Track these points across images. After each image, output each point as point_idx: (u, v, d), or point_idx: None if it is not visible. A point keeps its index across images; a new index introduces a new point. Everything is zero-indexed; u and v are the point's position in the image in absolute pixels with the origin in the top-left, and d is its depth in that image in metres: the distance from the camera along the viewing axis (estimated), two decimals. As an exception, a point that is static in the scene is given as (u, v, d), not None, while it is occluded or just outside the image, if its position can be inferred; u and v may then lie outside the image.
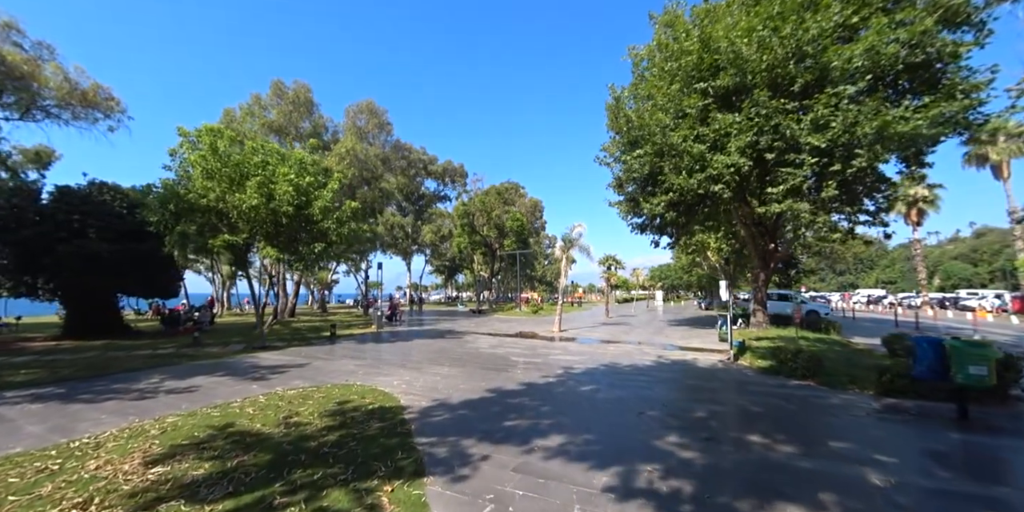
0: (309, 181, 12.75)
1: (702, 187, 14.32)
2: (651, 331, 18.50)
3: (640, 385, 7.60)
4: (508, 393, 6.90)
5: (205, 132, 11.55)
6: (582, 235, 19.70)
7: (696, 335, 16.52)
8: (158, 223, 11.78)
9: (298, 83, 26.48)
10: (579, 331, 18.89)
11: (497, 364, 9.83)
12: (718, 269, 42.47)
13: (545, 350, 12.32)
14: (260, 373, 8.62)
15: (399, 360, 10.52)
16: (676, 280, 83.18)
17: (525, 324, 23.04)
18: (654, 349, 12.35)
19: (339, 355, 11.41)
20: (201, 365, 9.76)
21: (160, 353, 12.04)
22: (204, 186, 11.86)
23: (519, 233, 40.13)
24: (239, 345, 13.96)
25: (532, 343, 14.16)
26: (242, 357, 11.03)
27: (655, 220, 17.88)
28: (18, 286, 15.37)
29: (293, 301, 27.97)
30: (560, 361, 10.21)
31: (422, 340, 15.08)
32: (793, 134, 12.26)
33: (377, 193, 26.61)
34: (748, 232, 17.60)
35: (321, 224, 12.87)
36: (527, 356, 11.12)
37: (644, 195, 17.13)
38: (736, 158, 12.96)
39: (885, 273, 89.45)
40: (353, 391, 6.90)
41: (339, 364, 9.89)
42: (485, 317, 29.83)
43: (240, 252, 12.57)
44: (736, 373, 8.78)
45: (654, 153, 15.66)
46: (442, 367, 9.46)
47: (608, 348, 12.75)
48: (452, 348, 12.78)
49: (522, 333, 17.87)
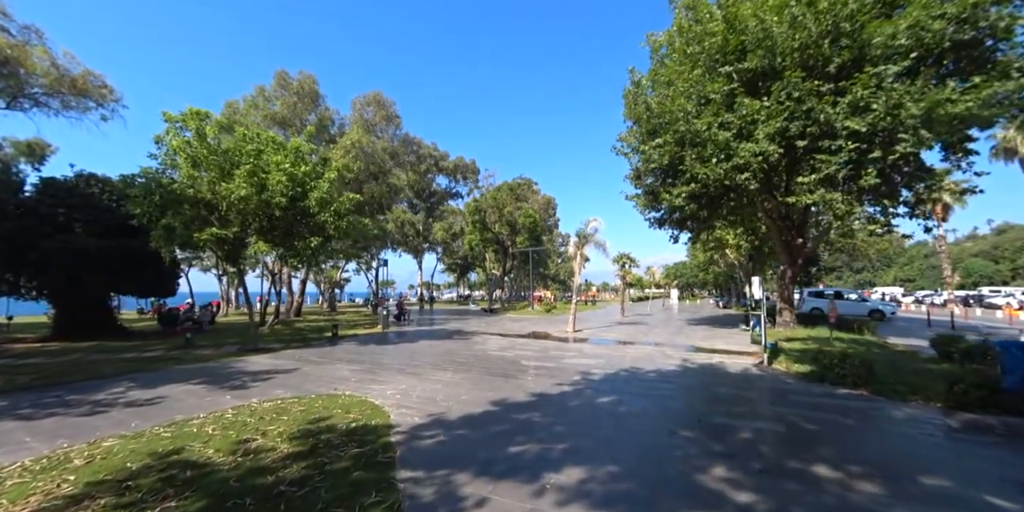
0: (305, 171, 11.95)
1: (727, 177, 13.24)
2: (671, 331, 17.36)
3: (667, 395, 6.58)
4: (516, 406, 5.94)
5: (190, 116, 10.79)
6: (598, 230, 18.65)
7: (719, 335, 15.35)
8: (141, 216, 11.08)
9: (303, 74, 25.82)
10: (594, 331, 17.84)
11: (506, 369, 8.89)
12: (737, 266, 40.90)
13: (558, 352, 11.34)
14: (241, 380, 7.81)
15: (399, 364, 9.64)
16: (691, 278, 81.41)
17: (538, 324, 22.06)
18: (677, 351, 11.27)
19: (335, 358, 10.59)
20: (182, 370, 9.02)
21: (146, 356, 11.38)
22: (190, 175, 11.13)
23: (532, 230, 39.09)
24: (233, 347, 13.27)
25: (545, 345, 13.18)
26: (230, 361, 10.28)
27: (674, 214, 16.70)
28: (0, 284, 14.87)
29: (299, 300, 27.43)
30: (575, 365, 9.22)
31: (428, 341, 14.21)
32: (828, 118, 11.10)
33: (385, 188, 25.82)
34: (773, 226, 16.33)
35: (318, 217, 12.06)
36: (539, 359, 10.15)
37: (663, 187, 16.04)
38: (765, 145, 11.86)
39: (903, 271, 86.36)
40: (338, 404, 6.02)
41: (332, 369, 9.05)
42: (497, 316, 28.94)
43: (232, 247, 11.83)
44: (773, 379, 7.69)
45: (675, 142, 14.62)
46: (445, 373, 8.54)
47: (627, 350, 11.71)
48: (458, 350, 11.88)
49: (534, 333, 16.90)
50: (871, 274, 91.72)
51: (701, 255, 49.17)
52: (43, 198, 15.42)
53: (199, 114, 10.94)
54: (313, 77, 26.45)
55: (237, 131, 11.85)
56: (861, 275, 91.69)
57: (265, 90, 26.00)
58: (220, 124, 11.65)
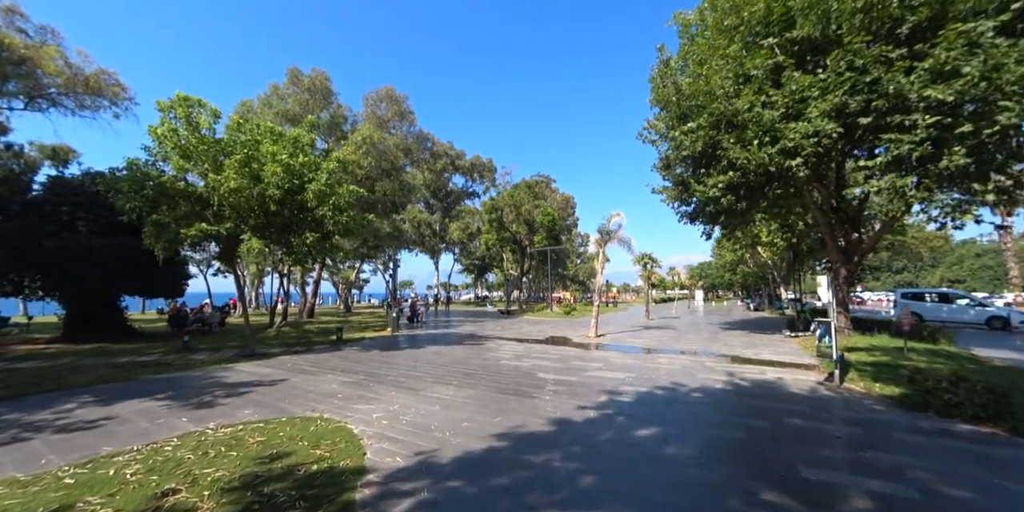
0: (303, 162, 10.97)
1: (772, 163, 11.67)
2: (705, 337, 15.72)
3: (724, 427, 5.16)
4: (529, 441, 4.65)
5: (178, 102, 9.93)
6: (621, 226, 17.16)
7: (760, 343, 13.65)
8: (131, 211, 10.28)
9: (316, 71, 25.21)
10: (619, 336, 16.35)
11: (519, 384, 7.60)
12: (770, 266, 38.45)
13: (581, 362, 9.97)
14: (213, 395, 6.77)
15: (397, 376, 8.47)
16: (716, 279, 78.34)
17: (557, 327, 20.67)
18: (718, 362, 9.75)
19: (330, 367, 9.51)
20: (156, 381, 8.07)
21: (137, 361, 10.58)
22: (181, 167, 10.29)
23: (550, 229, 37.68)
24: (232, 351, 12.43)
25: (565, 352, 11.83)
26: (216, 369, 9.32)
27: (708, 207, 15.06)
28: (3, 284, 14.47)
29: (312, 301, 26.81)
30: (601, 380, 7.86)
31: (436, 347, 13.05)
32: (900, 89, 9.43)
33: (397, 185, 24.92)
34: (823, 220, 14.51)
35: (316, 211, 11.06)
36: (558, 371, 8.82)
37: (696, 177, 14.52)
38: (821, 124, 10.28)
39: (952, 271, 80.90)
40: (308, 432, 4.85)
41: (321, 381, 7.94)
42: (514, 319, 27.67)
43: (226, 244, 10.95)
44: (856, 405, 6.14)
45: (710, 126, 13.13)
46: (447, 387, 7.31)
47: (659, 360, 10.24)
48: (468, 358, 10.66)
49: (553, 338, 15.55)
50: (912, 275, 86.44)
51: (729, 255, 46.73)
52: (49, 196, 15.01)
53: (188, 100, 10.07)
54: (326, 74, 25.83)
55: (231, 119, 10.97)
56: (901, 276, 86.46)
57: (279, 88, 25.53)
58: (214, 113, 10.78)
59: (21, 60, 17.61)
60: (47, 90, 19.25)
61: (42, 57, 18.08)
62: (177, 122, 10.20)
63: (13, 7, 18.14)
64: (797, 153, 10.96)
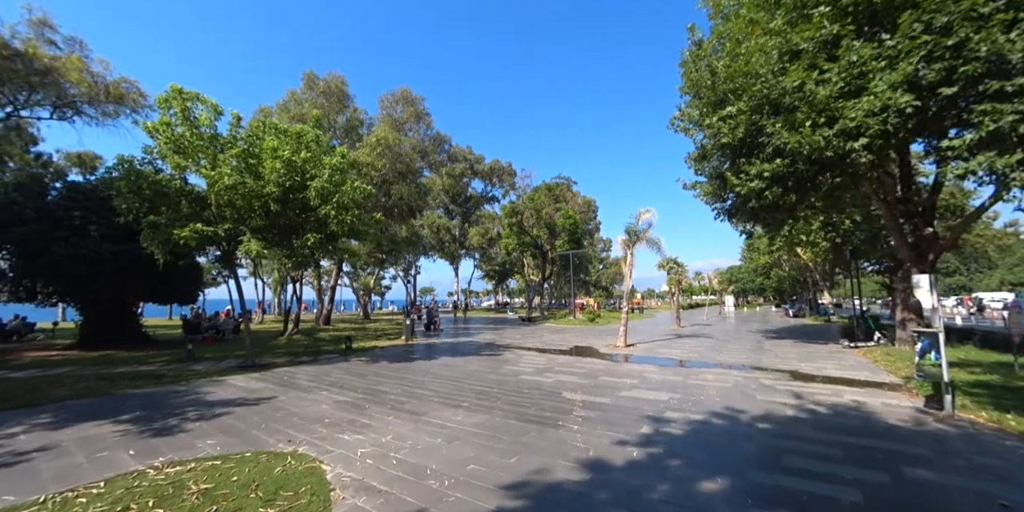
0: (305, 157, 10.15)
1: (830, 147, 10.21)
2: (748, 347, 14.06)
3: (824, 481, 3.78)
4: (554, 498, 3.43)
5: (174, 95, 9.27)
6: (651, 225, 15.74)
7: (816, 354, 11.95)
8: (127, 211, 9.67)
9: (332, 74, 24.93)
10: (650, 346, 14.87)
11: (542, 407, 6.37)
12: (812, 269, 35.84)
13: (612, 379, 8.65)
14: (182, 418, 5.82)
15: (400, 394, 7.37)
16: (748, 284, 74.75)
17: (581, 335, 19.28)
18: (776, 380, 8.25)
19: (328, 382, 8.50)
20: (133, 396, 7.23)
21: (131, 372, 9.89)
22: (177, 165, 9.61)
23: (572, 232, 36.28)
24: (236, 360, 11.67)
25: (592, 365, 10.51)
26: (206, 382, 8.46)
27: (749, 202, 13.51)
28: (17, 290, 14.24)
29: (329, 307, 26.25)
30: (639, 403, 6.55)
31: (450, 358, 11.93)
32: (998, 49, 7.86)
33: (413, 188, 24.19)
34: (888, 213, 12.74)
35: (320, 211, 10.20)
36: (587, 390, 7.55)
37: (736, 168, 13.07)
38: (891, 95, 8.80)
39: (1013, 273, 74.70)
40: (270, 477, 3.78)
41: (312, 400, 6.91)
42: (535, 326, 26.37)
43: (224, 247, 10.22)
44: (994, 447, 4.61)
45: (751, 109, 11.77)
46: (456, 411, 6.16)
47: (704, 377, 8.80)
48: (483, 373, 9.49)
49: (578, 349, 14.22)
50: (965, 277, 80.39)
51: (763, 257, 44.11)
52: (61, 201, 14.83)
53: (183, 94, 9.41)
54: (342, 77, 25.52)
55: (232, 114, 10.28)
56: (953, 279, 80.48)
57: (296, 93, 25.37)
58: (214, 108, 10.11)
59: (46, 71, 17.82)
60: (71, 99, 19.46)
61: (66, 67, 18.26)
62: (173, 116, 9.55)
63: (44, 20, 18.46)
64: (860, 134, 9.49)
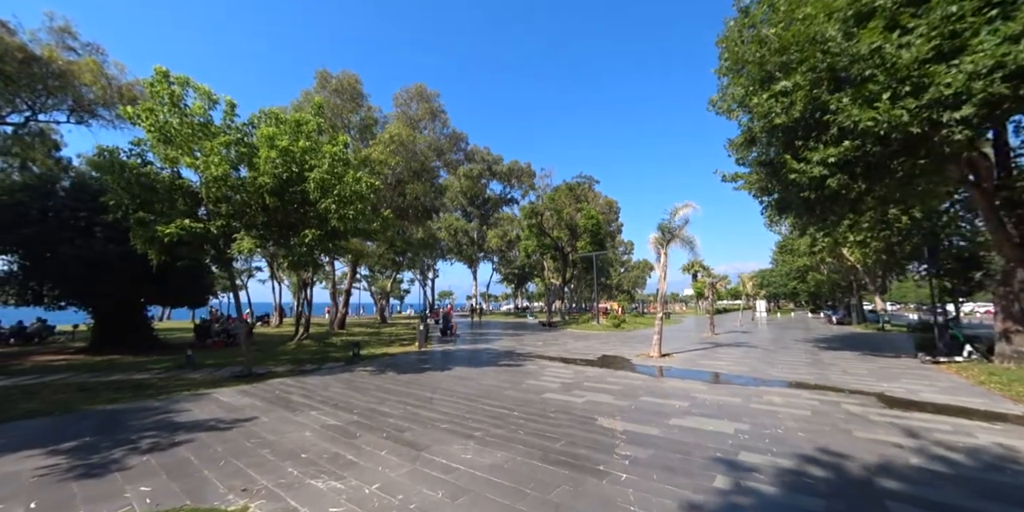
0: (303, 146, 9.16)
1: (916, 121, 8.64)
2: (803, 360, 12.33)
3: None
4: None
5: (158, 79, 8.41)
6: (688, 221, 14.17)
7: (896, 371, 10.17)
8: (115, 207, 8.86)
9: (345, 73, 24.29)
10: (688, 356, 13.30)
11: (573, 439, 5.05)
12: (860, 271, 33.16)
13: (656, 399, 7.22)
14: (128, 449, 4.73)
15: (402, 416, 6.16)
16: (779, 288, 71.02)
17: (608, 343, 17.78)
18: (864, 405, 6.66)
19: (322, 398, 7.35)
20: (96, 414, 6.25)
21: (119, 380, 9.06)
22: (165, 155, 8.74)
23: (594, 233, 34.72)
24: (236, 369, 10.78)
25: (628, 381, 9.07)
26: (184, 397, 7.43)
27: (805, 193, 11.83)
28: (24, 293, 13.78)
29: (344, 311, 25.48)
30: (698, 436, 5.14)
31: (465, 369, 10.68)
32: None
33: (429, 187, 23.22)
34: (985, 202, 10.81)
35: (319, 205, 9.17)
36: (628, 415, 6.17)
37: (793, 153, 11.52)
38: (1008, 49, 7.24)
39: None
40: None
41: (296, 425, 5.76)
42: (557, 332, 24.92)
43: (217, 245, 9.29)
44: None
45: (810, 83, 10.27)
46: (465, 444, 4.90)
47: (771, 399, 7.27)
48: (501, 389, 8.19)
49: (607, 359, 12.78)
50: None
51: (801, 259, 41.38)
52: (68, 202, 14.39)
53: (169, 77, 8.54)
54: (355, 76, 24.83)
55: (225, 101, 9.40)
56: (1008, 285, 74.31)
57: (309, 93, 24.85)
58: (207, 94, 9.24)
59: (61, 74, 17.72)
60: (88, 103, 19.34)
61: (81, 70, 18.13)
62: (162, 103, 8.70)
63: (66, 27, 18.49)
64: (960, 103, 7.86)
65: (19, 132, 18.48)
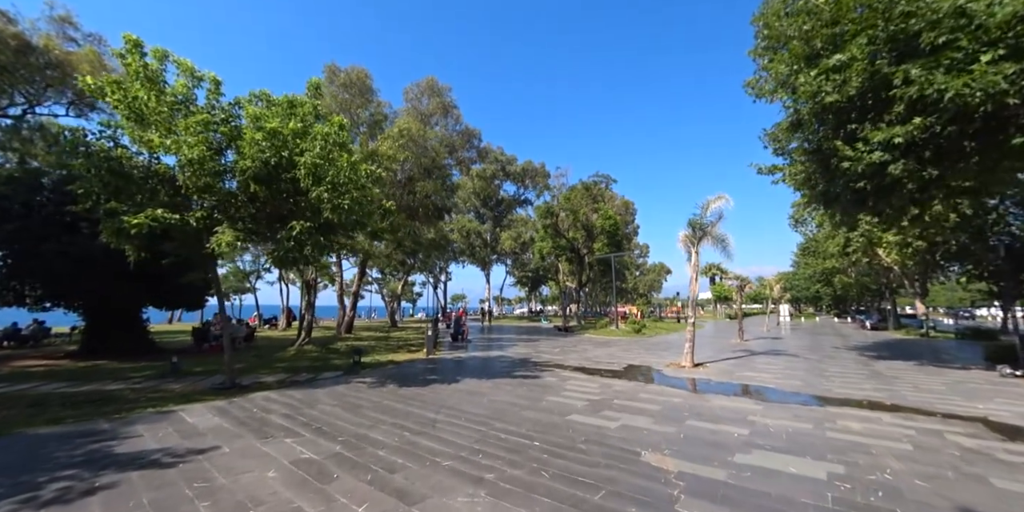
0: (294, 127, 8.10)
1: (1015, 90, 7.35)
2: (859, 371, 10.82)
3: None
4: None
5: (130, 48, 7.45)
6: (721, 217, 12.78)
7: (972, 385, 8.65)
8: (84, 197, 7.90)
9: (354, 67, 23.45)
10: (724, 367, 11.87)
11: (615, 486, 3.79)
12: (895, 273, 31.08)
13: (706, 425, 5.91)
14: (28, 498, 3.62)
15: (396, 447, 4.97)
16: (802, 291, 68.45)
17: (630, 350, 16.39)
18: (975, 437, 5.26)
19: (304, 420, 6.19)
20: (27, 439, 5.17)
21: (95, 390, 8.09)
22: (139, 138, 7.76)
23: (612, 234, 33.30)
24: (220, 378, 9.75)
25: (666, 397, 7.74)
26: (149, 415, 6.36)
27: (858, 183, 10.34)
28: (5, 294, 13.01)
29: (351, 314, 24.51)
30: (782, 484, 3.84)
31: (475, 381, 9.45)
32: None
33: (440, 185, 22.16)
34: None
35: (311, 193, 8.09)
36: (677, 449, 4.88)
37: (843, 139, 10.17)
38: None
39: None
40: None
41: (260, 461, 4.59)
42: (574, 337, 23.56)
43: (196, 239, 8.27)
44: None
45: (870, 55, 9.02)
46: (474, 492, 3.67)
47: (848, 425, 5.89)
48: (516, 409, 6.94)
49: (635, 369, 11.43)
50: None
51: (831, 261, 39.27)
52: (54, 196, 13.65)
53: (140, 46, 7.57)
54: (365, 71, 23.95)
55: (209, 77, 8.40)
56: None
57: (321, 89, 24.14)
58: (190, 70, 8.27)
59: (57, 64, 17.18)
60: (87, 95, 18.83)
61: (79, 60, 17.57)
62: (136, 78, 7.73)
63: (67, 17, 17.99)
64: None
65: (17, 125, 17.95)
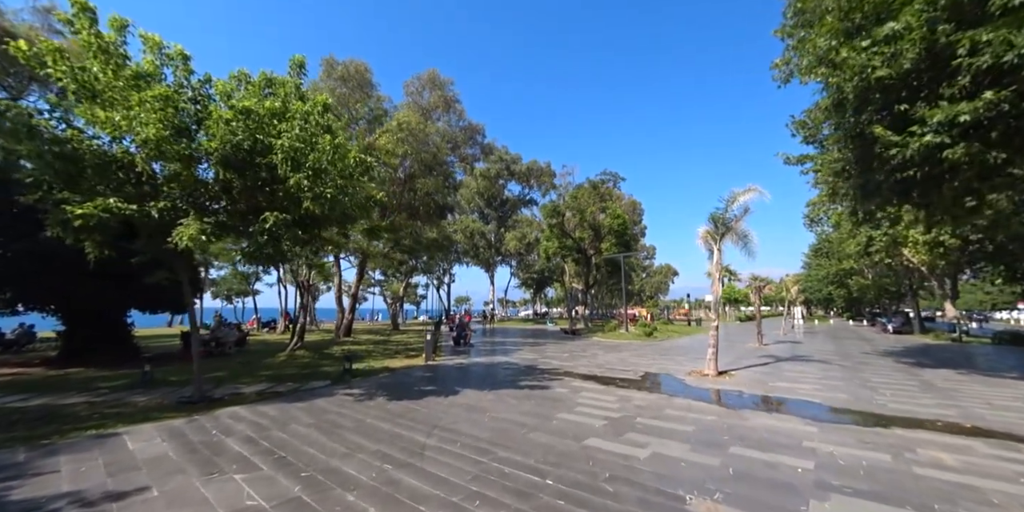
0: (270, 107, 7.12)
1: None
2: (907, 381, 9.63)
3: None
4: None
5: (79, 11, 6.52)
6: (748, 211, 11.63)
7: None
8: (33, 186, 6.98)
9: (352, 60, 22.62)
10: (752, 375, 10.71)
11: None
12: (919, 274, 29.64)
13: (756, 453, 4.80)
14: None
15: (369, 489, 3.91)
16: (815, 293, 66.80)
17: (644, 355, 15.26)
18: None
19: (267, 447, 5.15)
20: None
21: (44, 405, 7.13)
22: (93, 116, 6.80)
23: (620, 234, 32.17)
24: (208, 385, 8.84)
25: (697, 414, 6.63)
26: (84, 439, 5.32)
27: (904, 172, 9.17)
28: (-26, 297, 12.16)
29: (350, 317, 23.55)
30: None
31: (476, 394, 8.37)
32: None
33: (441, 181, 21.20)
34: None
35: (289, 180, 7.09)
36: (731, 491, 3.79)
37: (895, 118, 9.05)
38: None
39: None
40: None
41: (195, 508, 3.57)
42: (582, 341, 22.42)
43: (157, 233, 7.30)
44: None
45: (928, 22, 7.94)
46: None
47: (934, 454, 4.77)
48: (523, 430, 5.86)
49: (654, 378, 10.31)
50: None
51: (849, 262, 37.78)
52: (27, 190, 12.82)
53: (87, 9, 6.63)
54: (365, 64, 23.11)
55: (175, 50, 7.44)
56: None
57: (315, 82, 23.28)
58: (156, 45, 7.32)
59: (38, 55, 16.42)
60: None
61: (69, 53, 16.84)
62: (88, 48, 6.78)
63: (51, 7, 17.26)
64: None
65: (0, 119, 17.17)
